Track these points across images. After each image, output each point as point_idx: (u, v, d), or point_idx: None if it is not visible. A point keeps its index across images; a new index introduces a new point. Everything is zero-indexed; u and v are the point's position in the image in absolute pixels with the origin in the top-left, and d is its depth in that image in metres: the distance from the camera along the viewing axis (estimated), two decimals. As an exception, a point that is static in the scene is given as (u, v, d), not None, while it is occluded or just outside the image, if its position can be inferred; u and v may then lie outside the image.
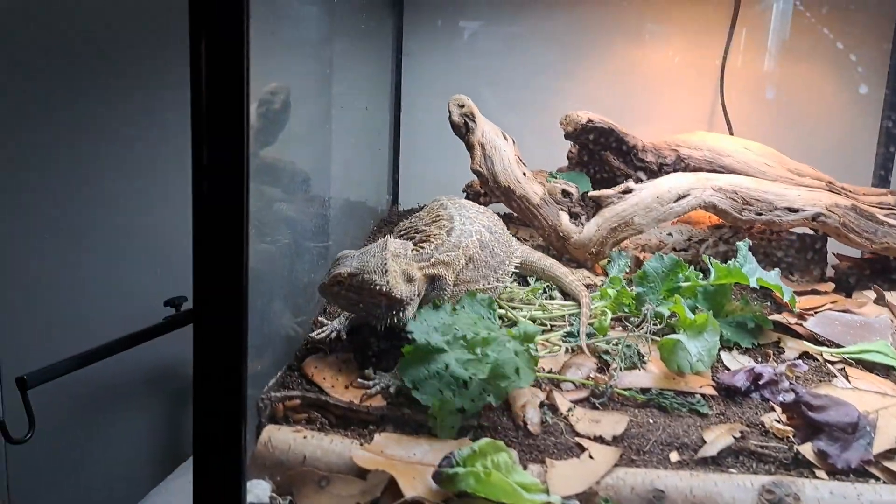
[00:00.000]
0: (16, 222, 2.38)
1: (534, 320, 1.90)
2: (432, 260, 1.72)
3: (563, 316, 1.94)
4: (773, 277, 1.91)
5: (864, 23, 2.55)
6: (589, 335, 1.83)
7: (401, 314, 1.63)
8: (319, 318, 1.76)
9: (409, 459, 1.42)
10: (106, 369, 2.13)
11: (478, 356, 1.51)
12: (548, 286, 2.11)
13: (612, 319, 1.89)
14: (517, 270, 2.07)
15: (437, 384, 1.48)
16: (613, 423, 1.52)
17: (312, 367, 1.66)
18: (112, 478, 2.63)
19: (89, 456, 2.60)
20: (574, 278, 2.06)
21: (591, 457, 1.43)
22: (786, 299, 1.89)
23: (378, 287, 1.58)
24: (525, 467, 1.40)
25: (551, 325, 1.91)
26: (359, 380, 1.63)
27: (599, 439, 1.48)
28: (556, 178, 2.32)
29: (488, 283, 1.86)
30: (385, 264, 1.61)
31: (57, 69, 2.32)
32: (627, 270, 2.07)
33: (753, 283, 1.85)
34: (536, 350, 1.60)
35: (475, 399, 1.46)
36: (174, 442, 2.68)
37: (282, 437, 1.47)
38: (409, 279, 1.65)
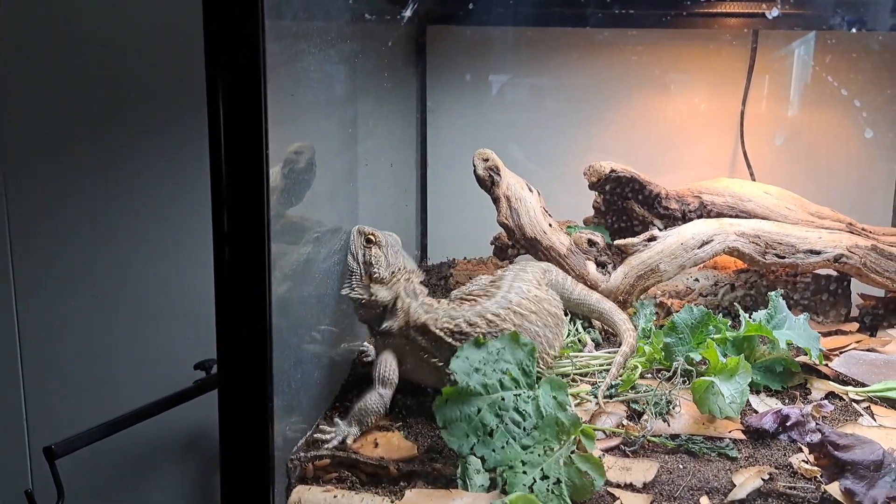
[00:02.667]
0: (42, 290, 2.42)
1: (565, 375, 1.93)
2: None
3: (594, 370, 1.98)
4: (801, 328, 1.93)
5: (877, 69, 2.59)
6: (614, 386, 1.87)
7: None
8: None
9: (441, 515, 1.43)
10: (135, 436, 2.13)
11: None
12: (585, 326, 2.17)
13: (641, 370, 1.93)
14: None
15: (466, 428, 1.46)
16: (644, 470, 1.56)
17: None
18: (143, 548, 2.64)
19: None
20: (630, 326, 2.05)
21: (622, 504, 1.46)
22: (813, 358, 1.91)
23: None
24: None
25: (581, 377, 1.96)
26: (316, 434, 1.65)
27: (630, 487, 1.51)
28: (573, 230, 2.37)
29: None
30: None
31: (87, 136, 2.38)
32: (655, 319, 2.10)
33: (782, 345, 1.88)
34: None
35: (495, 450, 1.46)
36: None
37: (312, 498, 1.47)
38: None
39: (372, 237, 1.84)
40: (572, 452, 1.47)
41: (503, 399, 1.50)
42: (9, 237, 2.44)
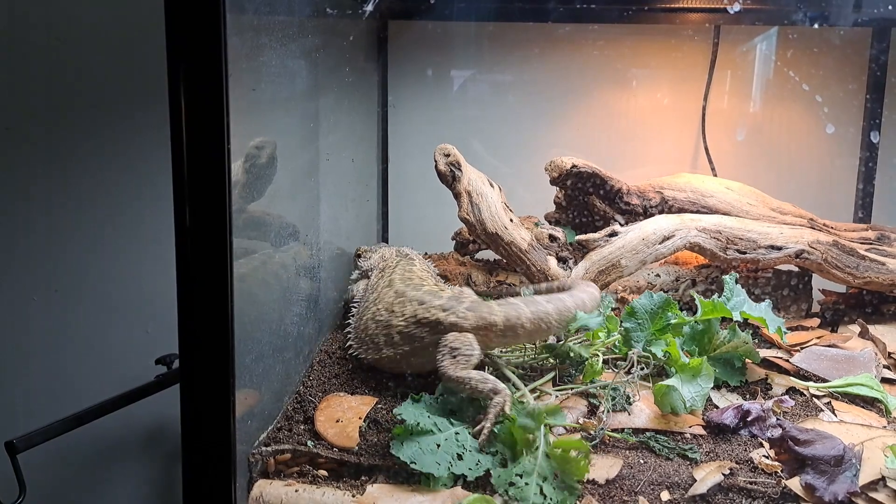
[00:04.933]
0: (4, 285, 2.40)
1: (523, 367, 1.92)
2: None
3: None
4: (761, 310, 1.94)
5: (838, 65, 2.60)
6: (572, 379, 1.86)
7: None
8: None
9: (402, 511, 1.41)
10: (98, 430, 2.14)
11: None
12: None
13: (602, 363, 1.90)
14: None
15: (434, 458, 1.49)
16: (608, 466, 1.54)
17: (324, 414, 1.69)
18: (105, 541, 2.62)
19: None
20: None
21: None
22: (771, 332, 1.91)
23: None
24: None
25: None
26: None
27: (592, 483, 1.50)
28: (538, 226, 2.35)
29: None
30: None
31: (46, 131, 2.35)
32: (612, 308, 2.08)
33: (737, 317, 1.88)
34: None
35: (472, 468, 1.49)
36: (168, 502, 2.67)
37: (273, 492, 1.47)
38: None
39: (360, 252, 2.26)
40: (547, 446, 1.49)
41: (457, 433, 1.56)
42: (-29, 235, 2.40)
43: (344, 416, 1.67)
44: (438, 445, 1.52)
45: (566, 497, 1.43)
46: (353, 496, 1.45)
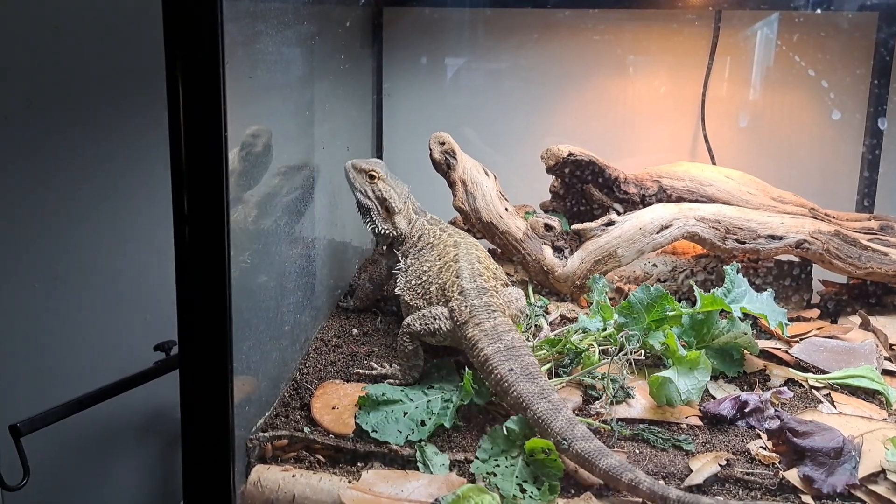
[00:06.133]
0: (5, 273, 2.41)
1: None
2: None
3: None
4: (762, 301, 1.90)
5: (843, 49, 2.56)
6: (568, 368, 1.85)
7: None
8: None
9: (397, 497, 1.43)
10: (98, 415, 2.18)
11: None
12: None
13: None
14: None
15: (396, 426, 1.59)
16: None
17: (320, 401, 1.70)
18: (107, 523, 2.64)
19: (84, 502, 2.61)
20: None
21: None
22: (772, 326, 1.88)
23: None
24: None
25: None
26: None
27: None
28: (531, 216, 2.32)
29: None
30: None
31: (45, 120, 2.36)
32: (607, 292, 2.05)
33: (737, 313, 1.84)
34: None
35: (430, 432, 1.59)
36: (168, 485, 2.72)
37: (271, 477, 1.50)
38: None
39: (374, 173, 2.06)
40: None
41: (430, 401, 1.67)
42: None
43: (340, 404, 1.69)
44: (405, 414, 1.62)
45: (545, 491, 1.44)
46: (350, 482, 1.48)
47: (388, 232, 2.07)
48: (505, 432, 1.53)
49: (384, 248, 2.13)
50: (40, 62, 2.34)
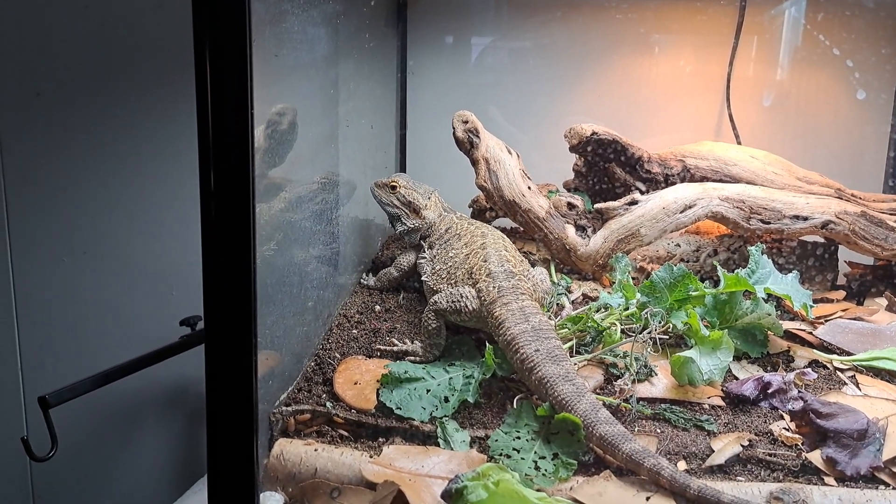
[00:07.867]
0: (36, 247, 2.44)
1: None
2: None
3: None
4: (787, 282, 1.89)
5: (871, 28, 2.53)
6: (590, 346, 1.85)
7: None
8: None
9: (418, 471, 1.44)
10: (124, 388, 2.22)
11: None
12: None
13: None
14: None
15: (420, 403, 1.61)
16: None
17: (342, 377, 1.72)
18: (132, 494, 2.71)
19: (109, 473, 2.69)
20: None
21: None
22: (796, 308, 1.87)
23: None
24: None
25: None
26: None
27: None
28: (554, 194, 2.31)
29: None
30: None
31: (79, 98, 2.39)
32: (629, 271, 2.05)
33: (761, 293, 1.83)
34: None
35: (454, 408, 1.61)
36: (192, 458, 2.76)
37: (293, 451, 1.52)
38: None
39: (394, 183, 2.17)
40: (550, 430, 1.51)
41: (451, 378, 1.68)
42: (4, 197, 2.47)
43: (362, 379, 1.71)
44: (428, 391, 1.64)
45: (559, 469, 1.45)
46: (371, 457, 1.49)
47: (417, 225, 2.14)
48: (534, 409, 1.55)
49: (416, 241, 2.16)
50: (70, 41, 2.38)
